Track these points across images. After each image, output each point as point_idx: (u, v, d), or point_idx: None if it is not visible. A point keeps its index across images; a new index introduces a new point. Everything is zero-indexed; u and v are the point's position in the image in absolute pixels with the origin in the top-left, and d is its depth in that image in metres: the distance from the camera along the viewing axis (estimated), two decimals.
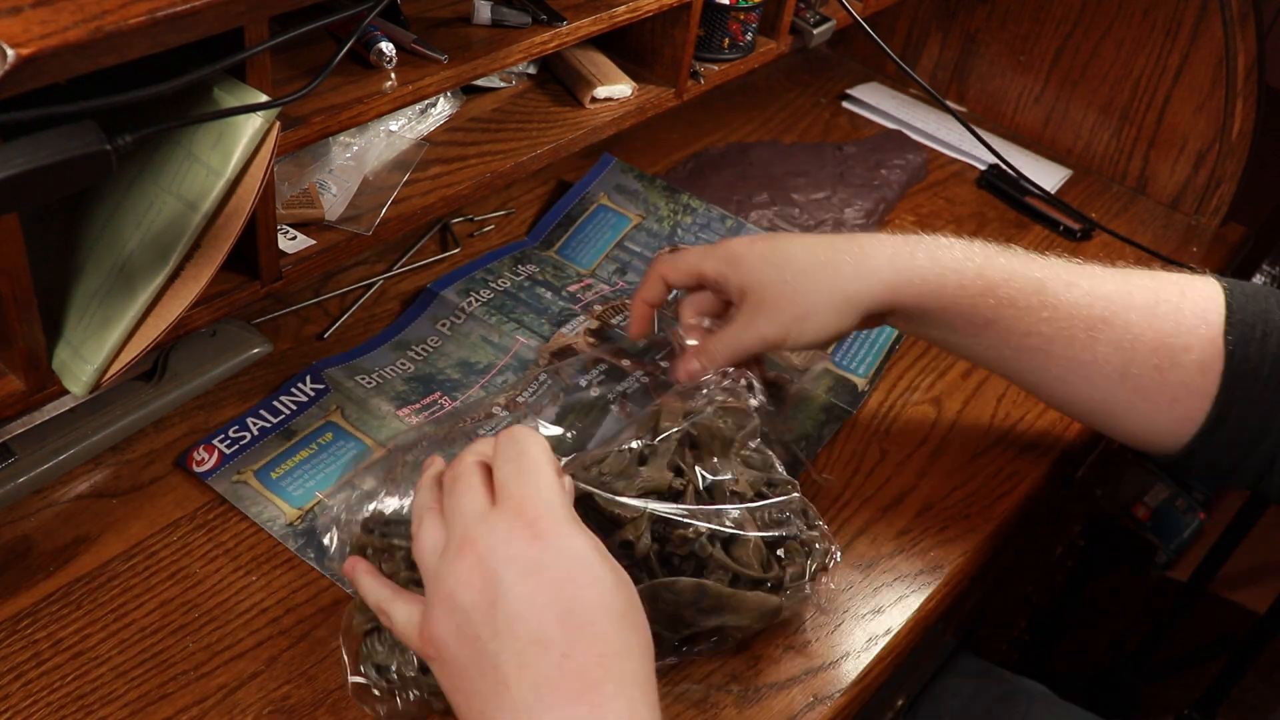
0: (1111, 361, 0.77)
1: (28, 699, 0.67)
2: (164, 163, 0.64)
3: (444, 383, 0.92)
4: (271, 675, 0.70)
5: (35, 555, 0.75)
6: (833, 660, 0.76)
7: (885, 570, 0.83)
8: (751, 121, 1.34)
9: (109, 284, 0.64)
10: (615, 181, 1.14)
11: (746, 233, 1.12)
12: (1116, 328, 0.77)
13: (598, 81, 0.97)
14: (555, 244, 1.08)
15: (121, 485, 0.80)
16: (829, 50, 1.49)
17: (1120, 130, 1.33)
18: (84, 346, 0.64)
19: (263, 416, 0.86)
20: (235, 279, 0.73)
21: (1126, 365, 0.77)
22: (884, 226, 1.20)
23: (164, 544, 0.77)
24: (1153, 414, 0.78)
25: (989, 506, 0.89)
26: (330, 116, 0.72)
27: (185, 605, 0.73)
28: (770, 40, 1.08)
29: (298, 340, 0.94)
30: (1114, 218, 1.28)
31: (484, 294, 1.00)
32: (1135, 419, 0.80)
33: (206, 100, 0.63)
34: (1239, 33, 1.20)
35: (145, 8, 0.53)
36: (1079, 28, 1.31)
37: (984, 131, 1.26)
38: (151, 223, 0.63)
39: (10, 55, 0.48)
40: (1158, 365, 0.76)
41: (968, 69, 1.42)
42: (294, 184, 0.80)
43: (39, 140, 0.50)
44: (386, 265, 1.02)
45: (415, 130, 0.91)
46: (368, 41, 0.76)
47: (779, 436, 0.78)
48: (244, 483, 0.81)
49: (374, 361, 0.93)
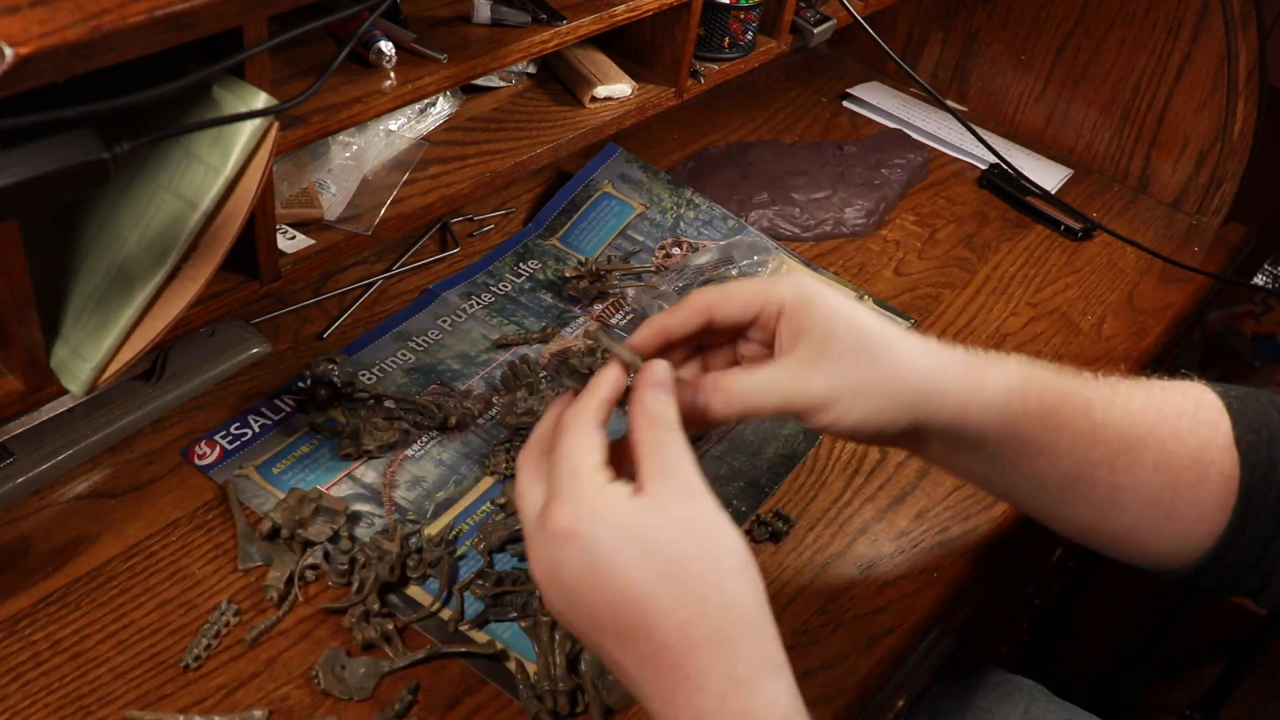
0: (1150, 483, 0.71)
1: (26, 700, 0.67)
2: (163, 161, 0.63)
3: (444, 373, 0.92)
4: (271, 675, 0.70)
5: (34, 556, 0.75)
6: (833, 660, 0.76)
7: (886, 571, 0.83)
8: (752, 121, 1.33)
9: (107, 283, 0.64)
10: (620, 170, 1.15)
11: (748, 233, 1.12)
12: (1152, 447, 0.71)
13: (598, 81, 0.97)
14: (558, 231, 1.09)
15: (120, 485, 0.80)
16: (829, 49, 1.49)
17: (1121, 130, 1.32)
18: (82, 345, 0.64)
19: (264, 413, 0.86)
20: (234, 279, 0.73)
21: (1163, 486, 0.72)
22: (884, 226, 1.20)
23: (163, 544, 0.77)
24: (1179, 533, 0.73)
25: (989, 507, 0.89)
26: (329, 116, 0.72)
27: (185, 605, 0.73)
28: (770, 39, 1.08)
29: (297, 340, 0.94)
30: (1115, 217, 1.28)
31: (485, 297, 1.01)
32: (1159, 540, 0.74)
33: (206, 98, 0.63)
34: (1240, 32, 1.19)
35: (144, 7, 0.53)
36: (1080, 27, 1.30)
37: (985, 131, 1.26)
38: (150, 221, 0.63)
39: (9, 55, 0.48)
40: (1191, 482, 0.71)
41: (968, 68, 1.42)
42: (293, 183, 0.80)
43: (36, 149, 0.50)
44: (386, 265, 1.02)
45: (415, 130, 0.91)
46: (367, 41, 0.76)
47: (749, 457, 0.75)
48: (245, 476, 0.81)
49: (375, 354, 0.93)
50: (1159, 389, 0.74)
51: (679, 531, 0.55)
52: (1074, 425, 0.70)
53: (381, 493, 0.82)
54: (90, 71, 0.52)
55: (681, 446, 0.58)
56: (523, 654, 0.73)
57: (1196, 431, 0.72)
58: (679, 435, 0.58)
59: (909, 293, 1.11)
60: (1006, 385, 0.69)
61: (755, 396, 0.64)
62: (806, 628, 0.78)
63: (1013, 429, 0.69)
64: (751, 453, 0.90)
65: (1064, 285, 1.16)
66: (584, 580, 0.55)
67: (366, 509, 0.81)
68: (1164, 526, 0.73)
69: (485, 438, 0.88)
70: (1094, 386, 0.72)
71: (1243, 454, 0.72)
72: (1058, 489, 0.72)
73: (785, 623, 0.78)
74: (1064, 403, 0.70)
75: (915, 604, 0.81)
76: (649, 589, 0.54)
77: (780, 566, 0.82)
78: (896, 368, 0.66)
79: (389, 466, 0.84)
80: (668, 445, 0.58)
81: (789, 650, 0.76)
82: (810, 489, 0.88)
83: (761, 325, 0.67)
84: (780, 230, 1.15)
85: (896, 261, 1.15)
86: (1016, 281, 1.16)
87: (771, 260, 1.08)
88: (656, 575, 0.54)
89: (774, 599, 0.79)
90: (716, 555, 0.56)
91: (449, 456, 0.86)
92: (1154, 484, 0.71)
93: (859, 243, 1.17)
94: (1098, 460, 0.71)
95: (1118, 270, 1.19)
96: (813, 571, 0.82)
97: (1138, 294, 1.16)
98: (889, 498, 0.88)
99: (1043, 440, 0.70)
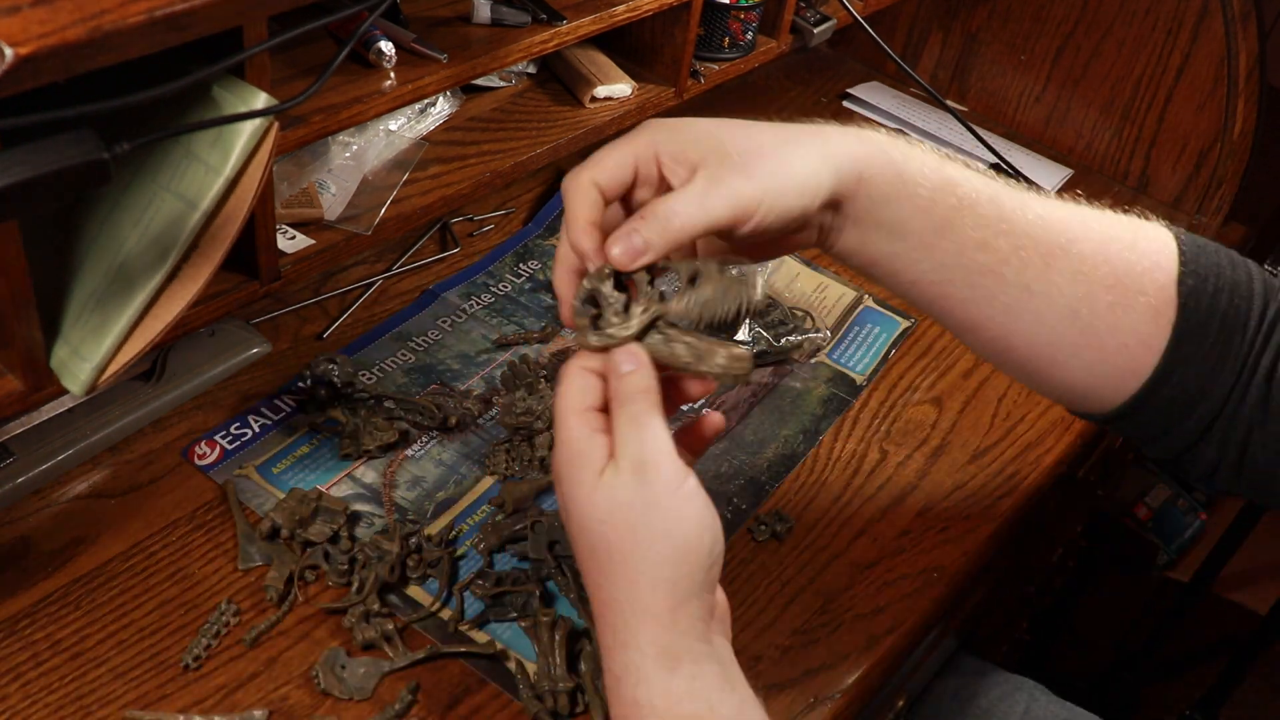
0: (1065, 294, 0.69)
1: (26, 700, 0.67)
2: (162, 161, 0.63)
3: (444, 373, 0.92)
4: (271, 675, 0.70)
5: (34, 556, 0.75)
6: (833, 660, 0.76)
7: (886, 570, 0.83)
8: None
9: (108, 283, 0.64)
10: None
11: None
12: (1072, 257, 0.68)
13: (598, 81, 0.97)
14: (558, 231, 1.09)
15: (120, 486, 0.80)
16: (829, 49, 1.49)
17: (1121, 130, 1.32)
18: (83, 345, 0.64)
19: (264, 413, 0.86)
20: (234, 279, 0.73)
21: (1080, 300, 0.69)
22: None
23: (163, 544, 0.77)
24: (1097, 363, 0.70)
25: (990, 507, 0.89)
26: (330, 116, 0.72)
27: (184, 605, 0.73)
28: (770, 39, 1.08)
29: (297, 340, 0.94)
30: None
31: (485, 297, 1.01)
32: (1077, 367, 0.71)
33: (205, 98, 0.63)
34: (1240, 32, 1.19)
35: (144, 7, 0.53)
36: (1080, 27, 1.30)
37: (984, 131, 1.26)
38: (150, 221, 0.63)
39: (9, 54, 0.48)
40: (1111, 304, 0.69)
41: (968, 68, 1.42)
42: (293, 183, 0.80)
43: (36, 149, 0.50)
44: (386, 265, 1.02)
45: (415, 129, 0.91)
46: (367, 41, 0.76)
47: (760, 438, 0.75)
48: (245, 476, 0.81)
49: (375, 354, 0.93)
50: (1097, 212, 0.72)
51: (611, 512, 0.57)
52: (977, 207, 0.68)
53: (381, 493, 0.82)
54: (90, 71, 0.52)
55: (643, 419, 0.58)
56: (523, 654, 0.73)
57: (1126, 257, 0.69)
58: (644, 406, 0.59)
59: None
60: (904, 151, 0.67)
61: (683, 220, 0.60)
62: (806, 628, 0.78)
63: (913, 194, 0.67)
64: (751, 452, 0.90)
65: None
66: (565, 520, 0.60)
67: (366, 509, 0.81)
68: (1083, 353, 0.70)
69: (485, 438, 0.88)
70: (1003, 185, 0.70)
71: (1182, 296, 0.69)
72: (965, 279, 0.69)
73: (785, 623, 0.78)
74: (968, 180, 0.68)
75: (915, 604, 0.81)
76: (585, 559, 0.59)
77: (780, 566, 0.82)
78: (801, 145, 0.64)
79: (389, 466, 0.84)
80: (624, 420, 0.59)
81: (789, 650, 0.76)
82: (810, 489, 0.88)
83: (646, 179, 0.64)
84: None
85: None
86: None
87: (771, 260, 1.08)
88: (588, 549, 0.58)
89: (774, 599, 0.80)
90: (645, 543, 0.57)
91: (449, 456, 0.86)
92: (1069, 296, 0.69)
93: None
94: (1007, 253, 0.68)
95: None
96: (813, 571, 0.82)
97: None
98: (889, 498, 0.88)
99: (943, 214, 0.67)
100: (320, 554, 0.76)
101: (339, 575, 0.76)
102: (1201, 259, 0.70)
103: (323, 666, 0.70)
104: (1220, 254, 0.72)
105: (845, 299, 1.07)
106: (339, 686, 0.70)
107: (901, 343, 1.04)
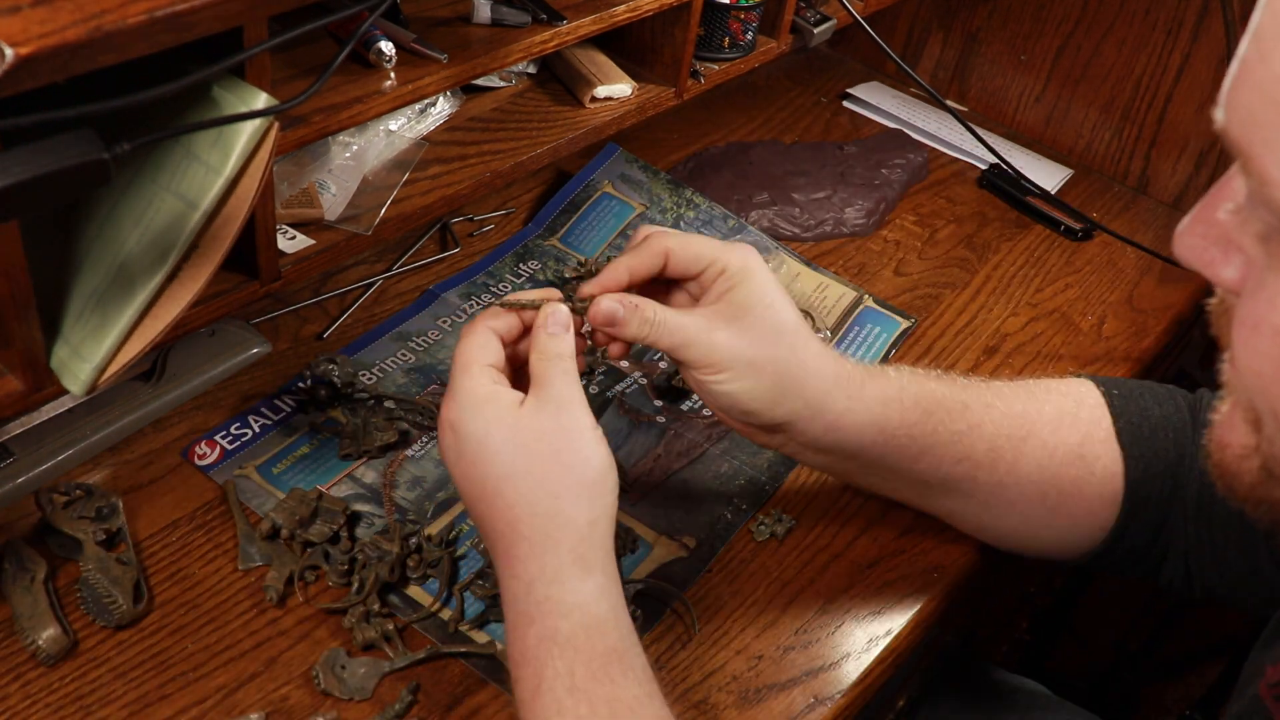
0: (1034, 481, 0.75)
1: (26, 700, 0.67)
2: (163, 161, 0.63)
3: (444, 373, 0.92)
4: (271, 676, 0.70)
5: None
6: (833, 661, 0.76)
7: (886, 570, 0.83)
8: (752, 121, 1.33)
9: (108, 283, 0.64)
10: (620, 171, 1.15)
11: (748, 233, 1.12)
12: (1035, 446, 0.75)
13: (598, 81, 0.97)
14: (558, 231, 1.09)
15: (120, 485, 0.80)
16: (829, 49, 1.49)
17: (1121, 130, 1.32)
18: (83, 345, 0.64)
19: (265, 413, 0.86)
20: (234, 279, 0.73)
21: (1047, 484, 0.75)
22: (885, 226, 1.20)
23: (163, 544, 0.77)
24: (1068, 528, 0.77)
25: None
26: (330, 116, 0.72)
27: (184, 605, 0.73)
28: (770, 39, 1.08)
29: (297, 340, 0.94)
30: (1115, 217, 1.28)
31: (485, 298, 1.01)
32: (1050, 535, 0.78)
33: (206, 98, 0.63)
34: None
35: (144, 7, 0.53)
36: (1080, 27, 1.30)
37: (985, 131, 1.26)
38: (150, 221, 0.63)
39: (9, 55, 0.48)
40: (1074, 479, 0.75)
41: (968, 68, 1.42)
42: (293, 183, 0.80)
43: (36, 149, 0.50)
44: (386, 265, 1.02)
45: (415, 130, 0.91)
46: (367, 41, 0.76)
47: None
48: (246, 476, 0.81)
49: (375, 354, 0.93)
50: (1042, 389, 0.78)
51: (536, 438, 0.62)
52: (950, 427, 0.73)
53: (381, 493, 0.82)
54: (90, 71, 0.52)
55: (568, 372, 0.65)
56: None
57: (1078, 429, 0.76)
58: (569, 364, 0.65)
59: (909, 293, 1.11)
60: (884, 396, 0.72)
61: (663, 328, 0.68)
62: (806, 628, 0.78)
63: (889, 436, 0.73)
64: (752, 452, 0.90)
65: (1064, 285, 1.16)
66: (459, 463, 0.64)
67: (366, 509, 0.81)
68: (1053, 523, 0.77)
69: None
70: (973, 390, 0.76)
71: (1124, 448, 0.75)
72: (942, 489, 0.77)
73: (785, 623, 0.78)
74: (939, 406, 0.74)
75: (915, 604, 0.81)
76: (499, 483, 0.63)
77: (780, 566, 0.82)
78: (792, 363, 0.70)
79: (389, 466, 0.84)
80: (554, 369, 0.65)
81: (789, 650, 0.76)
82: (810, 489, 0.88)
83: (701, 281, 0.71)
84: (780, 230, 1.15)
85: (896, 261, 1.15)
86: (1016, 282, 1.16)
87: (772, 260, 1.09)
88: (506, 472, 0.62)
89: (774, 599, 0.80)
90: (566, 465, 0.62)
91: None
92: (1039, 481, 0.75)
93: (859, 243, 1.17)
94: (979, 459, 0.74)
95: (1118, 270, 1.19)
96: (813, 571, 0.82)
97: (1138, 294, 1.16)
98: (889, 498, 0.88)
99: (921, 444, 0.73)
100: (320, 554, 0.76)
101: (339, 575, 0.76)
102: (1129, 407, 0.77)
103: (323, 667, 0.70)
104: (1144, 393, 0.79)
105: (845, 299, 1.07)
106: (339, 687, 0.70)
107: (902, 342, 1.04)
